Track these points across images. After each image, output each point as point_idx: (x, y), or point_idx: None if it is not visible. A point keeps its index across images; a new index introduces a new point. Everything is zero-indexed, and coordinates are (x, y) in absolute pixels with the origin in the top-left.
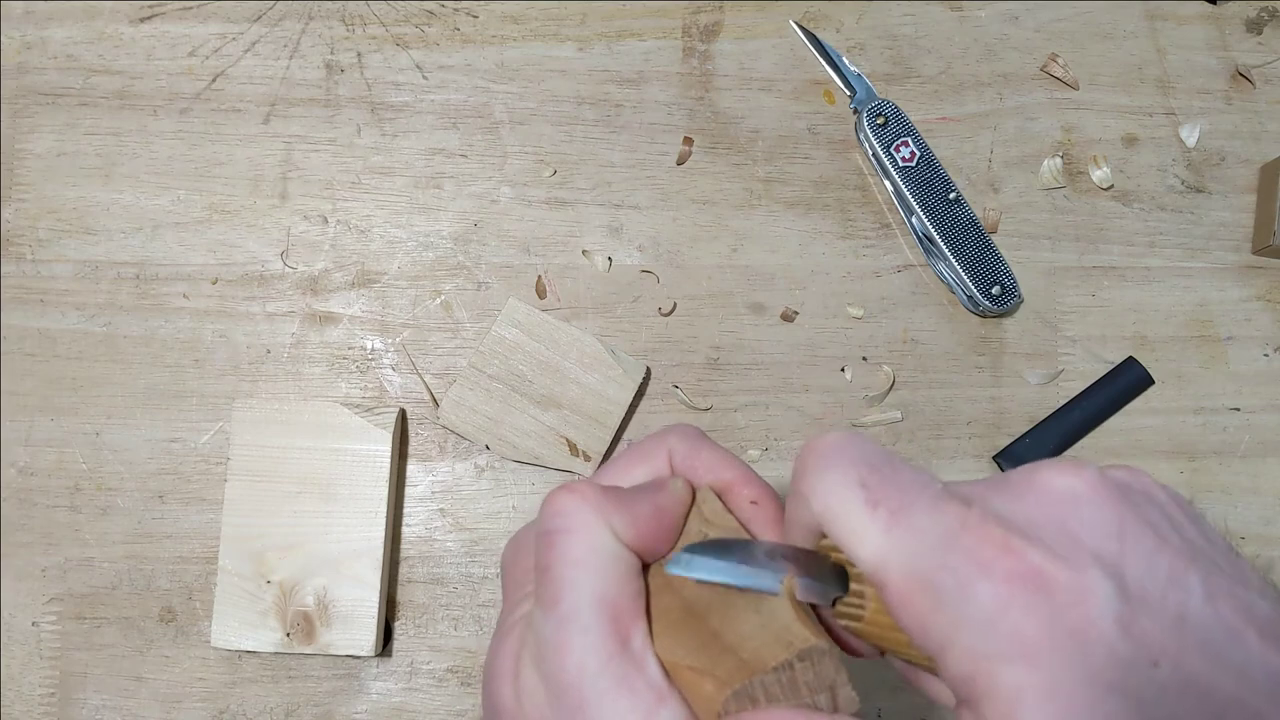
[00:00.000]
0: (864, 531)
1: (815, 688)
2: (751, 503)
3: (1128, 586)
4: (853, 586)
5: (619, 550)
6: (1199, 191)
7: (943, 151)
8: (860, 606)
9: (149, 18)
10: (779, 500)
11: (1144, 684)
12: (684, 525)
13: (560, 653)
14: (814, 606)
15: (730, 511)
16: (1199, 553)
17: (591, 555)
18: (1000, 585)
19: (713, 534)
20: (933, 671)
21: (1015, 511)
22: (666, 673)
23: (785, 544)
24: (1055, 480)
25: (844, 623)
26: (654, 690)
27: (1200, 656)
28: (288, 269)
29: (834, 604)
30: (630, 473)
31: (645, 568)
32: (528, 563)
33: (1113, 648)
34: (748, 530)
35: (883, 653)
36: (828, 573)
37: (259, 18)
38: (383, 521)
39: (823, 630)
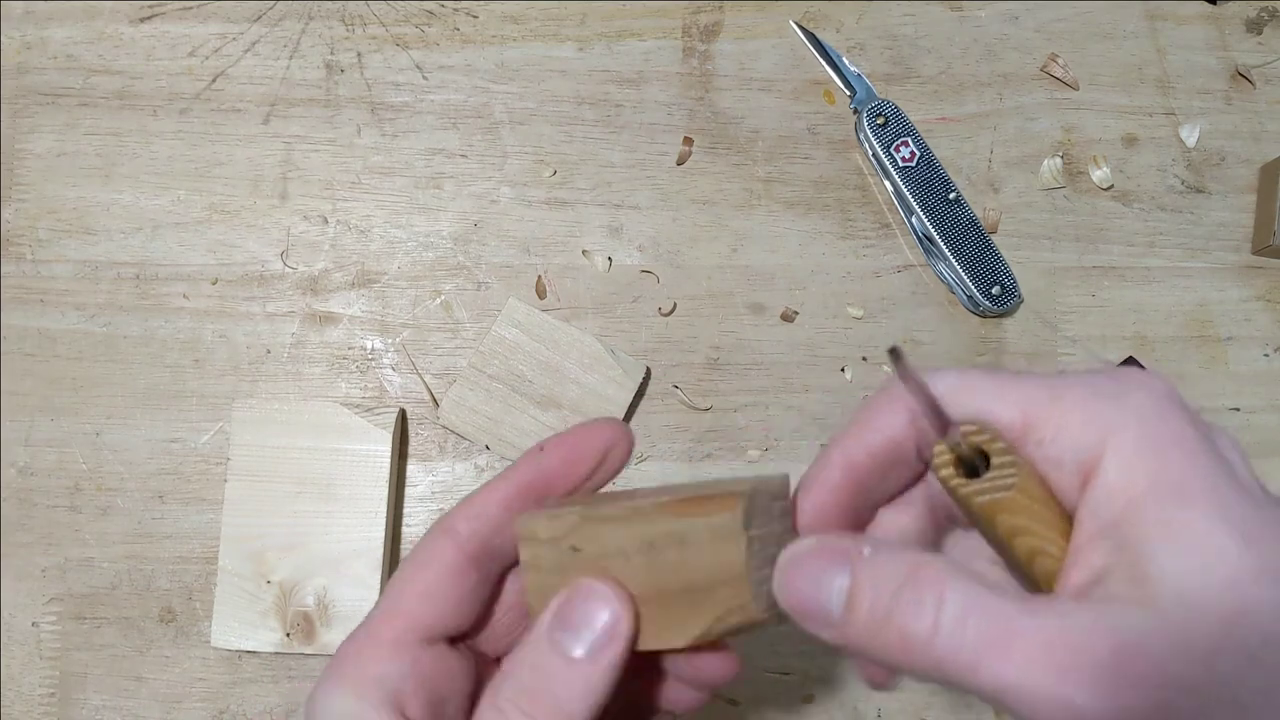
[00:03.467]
0: (1002, 385)
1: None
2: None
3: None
4: (995, 461)
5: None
6: (1199, 191)
7: (943, 151)
8: (1012, 474)
9: (149, 18)
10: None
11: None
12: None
13: None
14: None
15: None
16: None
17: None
18: (1155, 395)
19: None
20: (1041, 576)
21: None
22: None
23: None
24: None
25: (992, 496)
26: None
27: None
28: (288, 269)
29: (974, 480)
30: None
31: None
32: None
33: (1255, 490)
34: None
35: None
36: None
37: (259, 18)
38: (383, 521)
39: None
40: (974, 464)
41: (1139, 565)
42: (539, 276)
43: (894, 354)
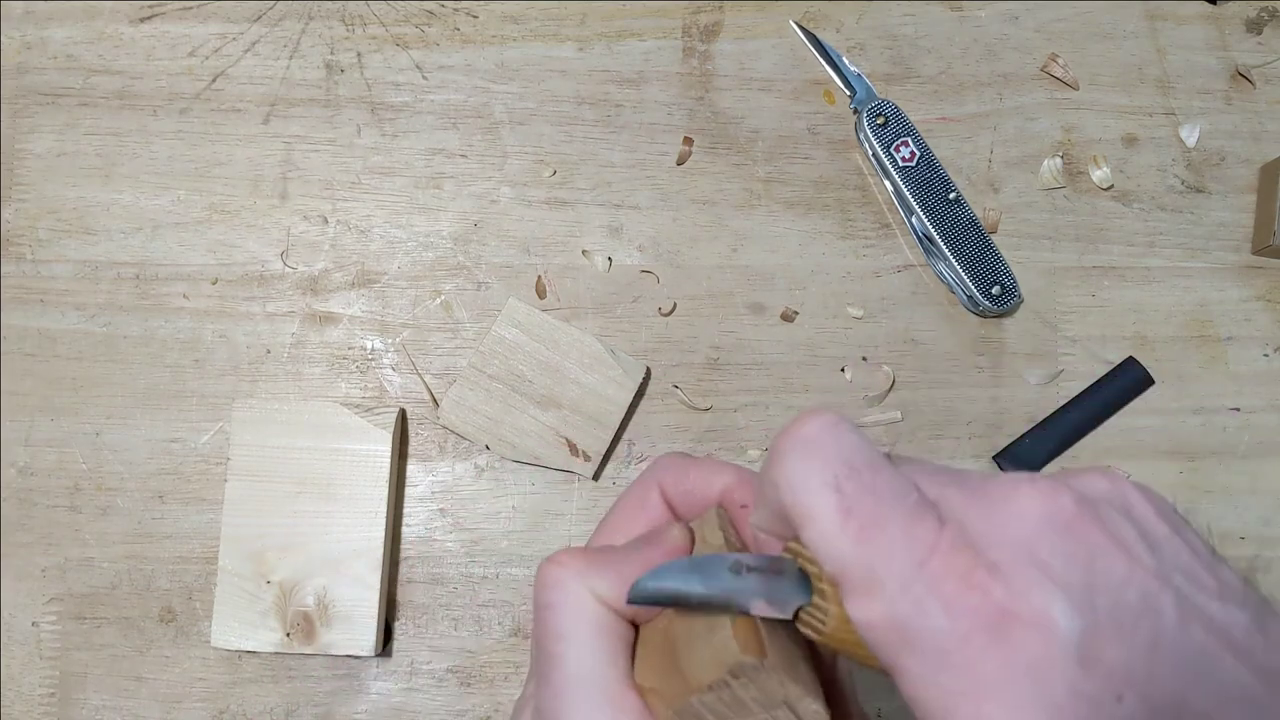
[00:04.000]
0: (834, 540)
1: (766, 704)
2: (742, 507)
3: (1097, 619)
4: (815, 599)
5: (606, 619)
6: (1199, 191)
7: (943, 151)
8: (822, 620)
9: (149, 18)
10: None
11: (1108, 718)
12: None
13: None
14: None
15: (735, 525)
16: (1176, 569)
17: (577, 628)
18: (961, 620)
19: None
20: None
21: (987, 532)
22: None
23: (753, 554)
24: (1030, 506)
25: (806, 631)
26: None
27: (1173, 680)
28: (288, 269)
29: (796, 614)
30: (627, 525)
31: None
32: None
33: (1074, 685)
34: (746, 543)
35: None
36: (792, 581)
37: (259, 18)
38: (382, 521)
39: (781, 644)
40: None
41: None
42: (539, 276)
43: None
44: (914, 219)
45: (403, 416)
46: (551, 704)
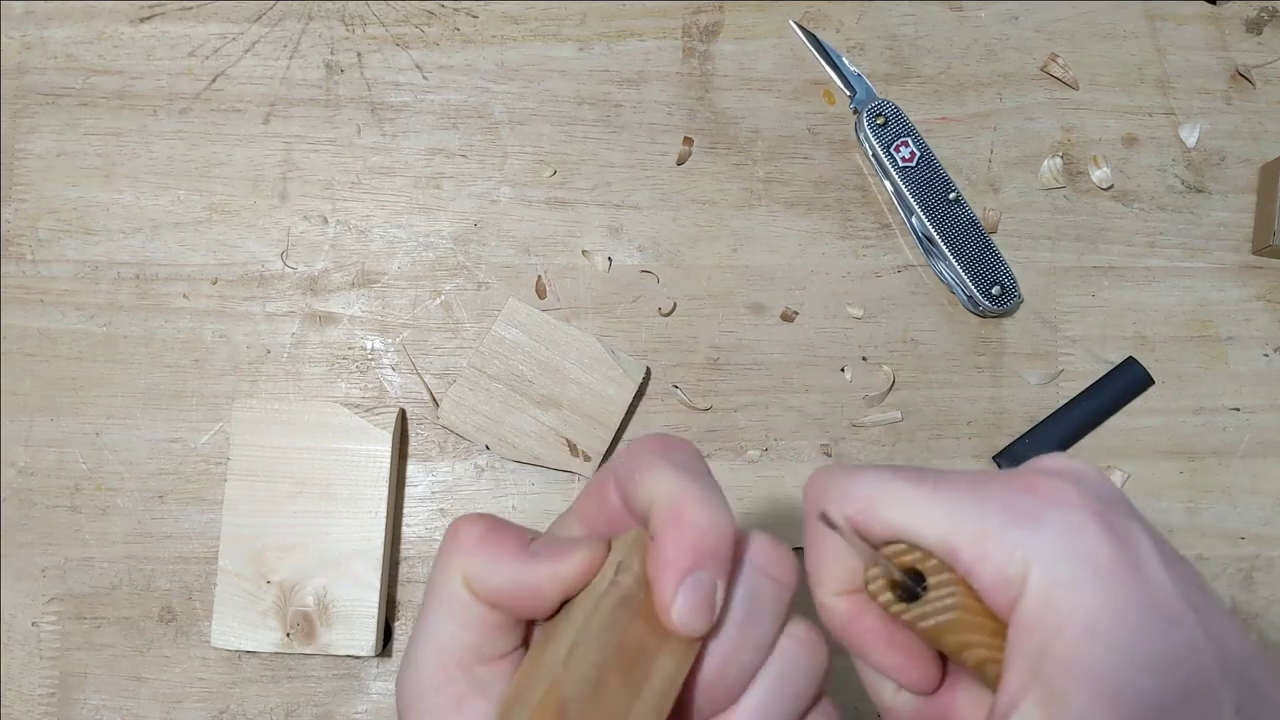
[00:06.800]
0: (923, 503)
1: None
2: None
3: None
4: (930, 581)
5: (465, 599)
6: (1199, 191)
7: (943, 151)
8: (951, 595)
9: (149, 18)
10: (690, 536)
11: (1185, 629)
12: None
13: (399, 678)
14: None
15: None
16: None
17: (441, 594)
18: (1071, 512)
19: (614, 588)
20: (993, 680)
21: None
22: None
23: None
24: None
25: (935, 620)
26: None
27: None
28: (288, 269)
29: (913, 603)
30: (583, 514)
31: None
32: None
33: (1165, 585)
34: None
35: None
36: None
37: (259, 18)
38: (382, 521)
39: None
40: (908, 584)
41: (1051, 703)
42: (539, 276)
43: (824, 518)
44: (914, 219)
45: (403, 416)
46: (406, 654)
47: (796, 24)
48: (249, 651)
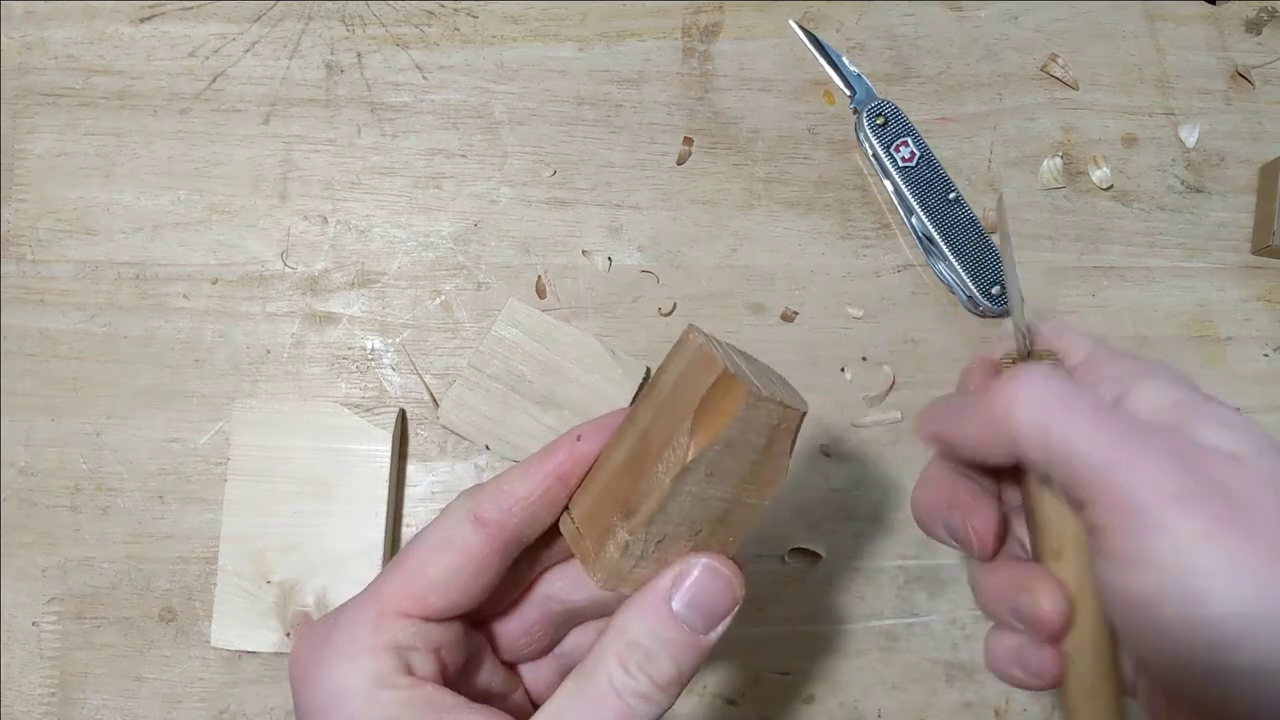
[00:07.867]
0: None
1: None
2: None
3: None
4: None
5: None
6: (1199, 191)
7: (943, 151)
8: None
9: (149, 18)
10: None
11: None
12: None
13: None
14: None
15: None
16: None
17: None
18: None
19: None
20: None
21: None
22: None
23: None
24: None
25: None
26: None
27: None
28: (288, 269)
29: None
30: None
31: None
32: None
33: None
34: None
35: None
36: None
37: (259, 18)
38: (383, 521)
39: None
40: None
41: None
42: (539, 276)
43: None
44: (914, 219)
45: (403, 416)
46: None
47: (796, 24)
48: (249, 651)
